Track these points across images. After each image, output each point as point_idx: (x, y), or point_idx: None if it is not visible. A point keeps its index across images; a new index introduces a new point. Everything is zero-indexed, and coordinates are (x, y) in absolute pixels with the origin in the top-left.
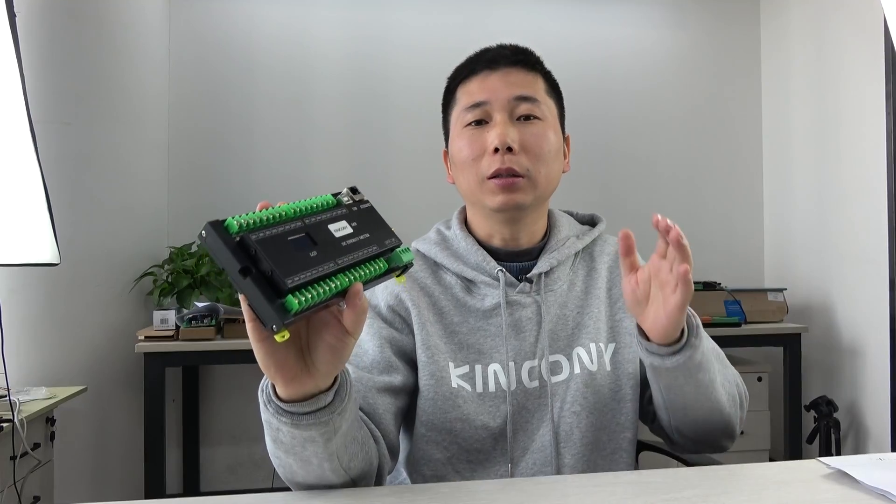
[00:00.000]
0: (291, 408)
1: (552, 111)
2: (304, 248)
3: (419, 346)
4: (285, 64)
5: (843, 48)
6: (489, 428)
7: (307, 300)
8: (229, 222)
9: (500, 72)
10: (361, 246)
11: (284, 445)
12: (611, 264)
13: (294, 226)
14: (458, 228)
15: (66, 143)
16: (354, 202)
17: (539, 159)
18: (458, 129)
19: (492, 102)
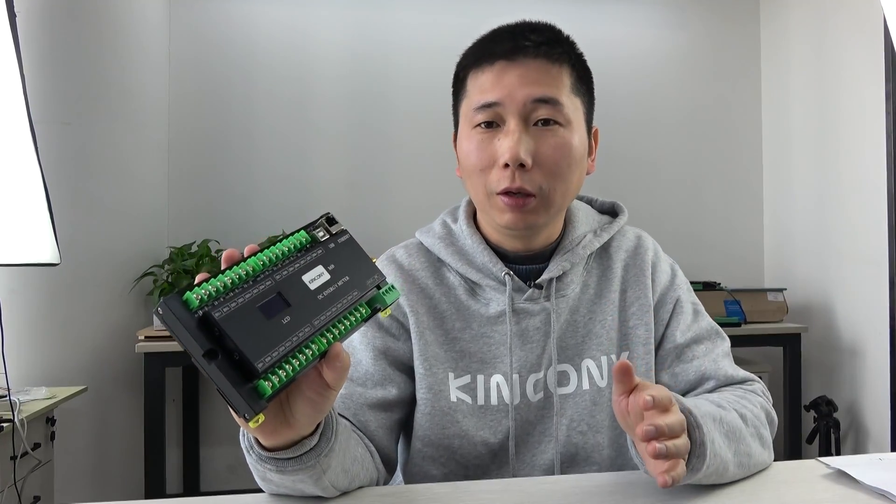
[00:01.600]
0: (275, 455)
1: (577, 112)
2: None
3: (417, 357)
4: (285, 64)
5: (843, 48)
6: (489, 444)
7: (280, 381)
8: (188, 296)
9: (518, 66)
10: (341, 294)
11: (274, 483)
12: (627, 262)
13: (264, 286)
14: (465, 223)
15: (66, 143)
16: (331, 236)
17: (555, 175)
18: (467, 128)
19: (505, 104)
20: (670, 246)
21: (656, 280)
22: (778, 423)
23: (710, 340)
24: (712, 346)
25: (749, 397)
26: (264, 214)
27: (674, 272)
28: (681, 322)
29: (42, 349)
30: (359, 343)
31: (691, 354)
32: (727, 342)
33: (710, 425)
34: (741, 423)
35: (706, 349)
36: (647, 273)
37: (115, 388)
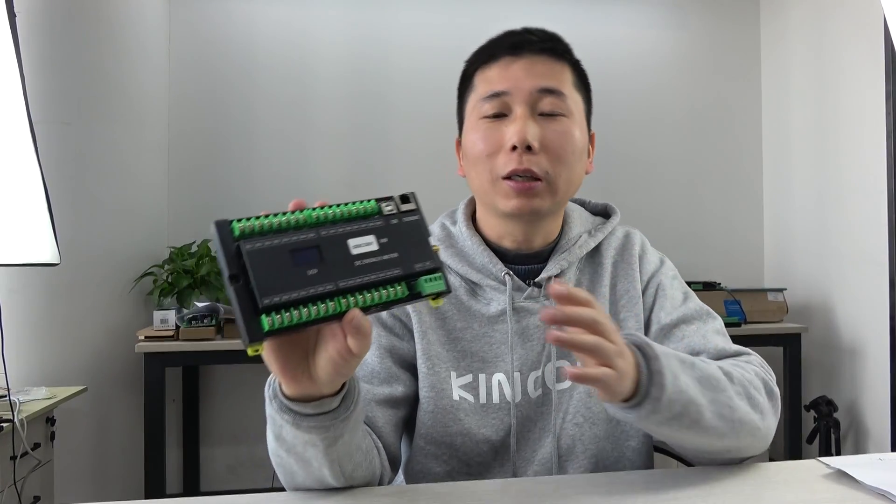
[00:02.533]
0: (295, 406)
1: (579, 106)
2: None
3: (420, 356)
4: (285, 64)
5: (843, 48)
6: (491, 441)
7: (282, 322)
8: (234, 225)
9: (524, 59)
10: (381, 267)
11: (286, 444)
12: (615, 258)
13: (306, 237)
14: (464, 225)
15: (66, 143)
16: (398, 213)
17: (561, 161)
18: (474, 120)
19: (513, 93)
20: (670, 246)
21: (643, 270)
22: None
23: (701, 320)
24: (703, 325)
25: (742, 365)
26: None
27: (661, 262)
28: (665, 304)
29: (42, 349)
30: None
31: (680, 334)
32: (719, 321)
33: (673, 363)
34: (721, 376)
35: (696, 328)
36: (634, 266)
37: (115, 388)
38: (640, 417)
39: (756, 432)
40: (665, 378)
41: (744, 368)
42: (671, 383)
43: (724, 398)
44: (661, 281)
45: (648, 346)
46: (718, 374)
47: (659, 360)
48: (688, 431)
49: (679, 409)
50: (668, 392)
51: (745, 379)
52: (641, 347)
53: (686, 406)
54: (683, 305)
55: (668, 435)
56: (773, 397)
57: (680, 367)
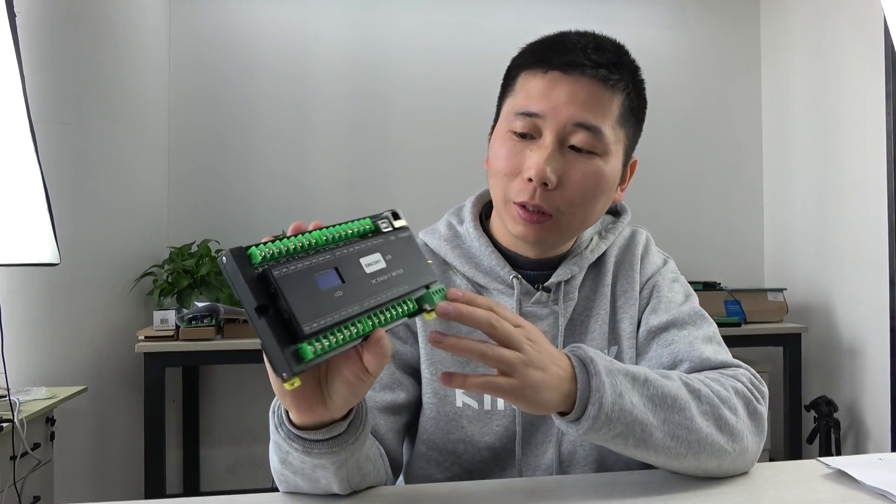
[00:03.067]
0: (304, 434)
1: (620, 142)
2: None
3: (423, 362)
4: (285, 64)
5: (843, 48)
6: (493, 448)
7: (323, 349)
8: (252, 251)
9: (571, 80)
10: (393, 284)
11: (293, 467)
12: (619, 257)
13: (323, 259)
14: (472, 225)
15: (66, 143)
16: (393, 229)
17: (577, 204)
18: (504, 129)
19: (547, 118)
20: (670, 246)
21: (644, 271)
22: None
23: (694, 325)
24: (694, 330)
25: (721, 380)
26: (264, 214)
27: (664, 263)
28: (658, 306)
29: (42, 349)
30: None
31: (669, 338)
32: (713, 327)
33: (619, 379)
34: (684, 395)
35: (686, 334)
36: (635, 266)
37: (115, 388)
38: (580, 433)
39: (722, 455)
40: (605, 396)
41: (721, 385)
42: (611, 401)
43: (681, 418)
44: (658, 282)
45: (591, 363)
46: (679, 393)
47: (600, 376)
48: (636, 450)
49: (621, 429)
50: (606, 410)
51: (718, 398)
52: (584, 362)
53: (629, 426)
54: (677, 308)
55: (621, 451)
56: (756, 417)
57: (628, 385)
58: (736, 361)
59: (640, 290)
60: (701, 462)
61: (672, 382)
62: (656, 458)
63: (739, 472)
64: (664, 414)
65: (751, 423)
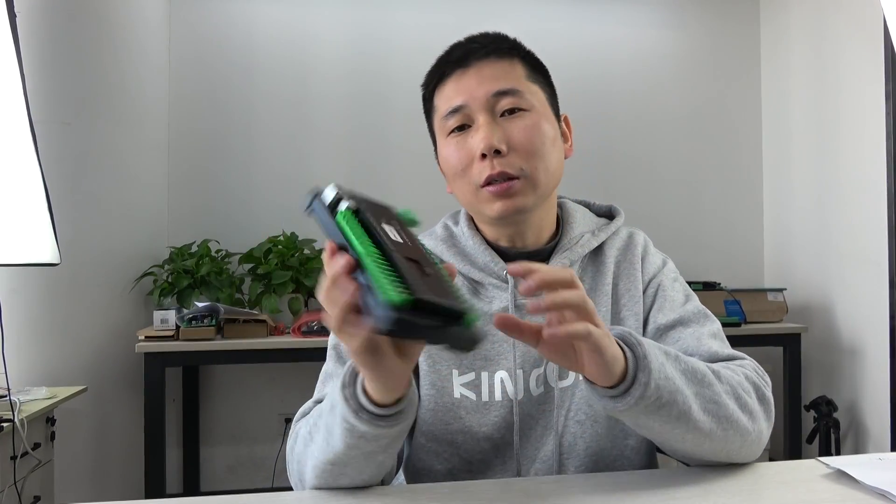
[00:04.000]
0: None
1: (539, 97)
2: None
3: (421, 354)
4: (285, 64)
5: (843, 48)
6: (492, 439)
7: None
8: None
9: (472, 69)
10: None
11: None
12: (618, 257)
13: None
14: (466, 225)
15: (66, 143)
16: None
17: (533, 155)
18: (443, 138)
19: (470, 104)
20: (670, 246)
21: (645, 270)
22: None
23: (698, 323)
24: (699, 328)
25: (732, 368)
26: (264, 215)
27: (664, 263)
28: (664, 305)
29: (42, 349)
30: None
31: (676, 336)
32: (717, 324)
33: (657, 352)
34: (708, 372)
35: (693, 331)
36: (636, 265)
37: (115, 388)
38: (627, 405)
39: (746, 435)
40: (651, 363)
41: (733, 371)
42: (658, 369)
43: (711, 393)
44: (662, 281)
45: (630, 335)
46: (705, 370)
47: (643, 346)
48: (676, 423)
49: (667, 398)
50: (654, 376)
51: (733, 380)
52: (623, 337)
53: (673, 395)
54: (682, 307)
55: (656, 430)
56: (765, 402)
57: (664, 357)
58: (741, 355)
59: (643, 288)
60: (728, 441)
61: (694, 361)
62: (691, 434)
63: (752, 457)
64: (696, 388)
65: (762, 408)
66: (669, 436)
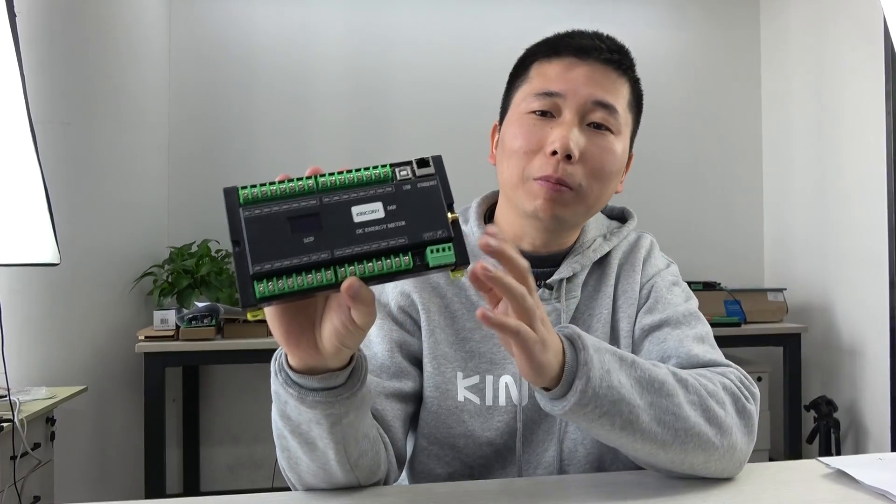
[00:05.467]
0: (300, 379)
1: (628, 126)
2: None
3: (426, 356)
4: (285, 63)
5: (843, 48)
6: (494, 444)
7: (275, 289)
8: (240, 192)
9: (587, 65)
10: (384, 236)
11: (291, 423)
12: (622, 259)
13: (307, 204)
14: (476, 225)
15: (66, 143)
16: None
17: (597, 176)
18: (520, 112)
19: (567, 97)
20: (670, 246)
21: (645, 272)
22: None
23: (687, 325)
24: (687, 329)
25: (709, 375)
26: None
27: (667, 266)
28: (654, 306)
29: (42, 349)
30: (375, 335)
31: (662, 336)
32: (706, 327)
33: (607, 357)
34: (672, 381)
35: (679, 333)
36: (637, 268)
37: (115, 388)
38: (563, 410)
39: (710, 449)
40: (592, 370)
41: (709, 379)
42: (599, 377)
43: (668, 404)
44: (657, 282)
45: (578, 338)
46: (667, 379)
47: (587, 351)
48: (622, 433)
49: (608, 407)
50: (593, 384)
51: (704, 390)
52: (571, 339)
53: (616, 404)
54: (672, 308)
55: (603, 436)
56: (745, 415)
57: (616, 364)
58: (726, 361)
59: (640, 290)
60: (688, 454)
61: (659, 370)
62: (642, 444)
63: (727, 473)
64: (651, 397)
65: (739, 421)
66: (619, 443)
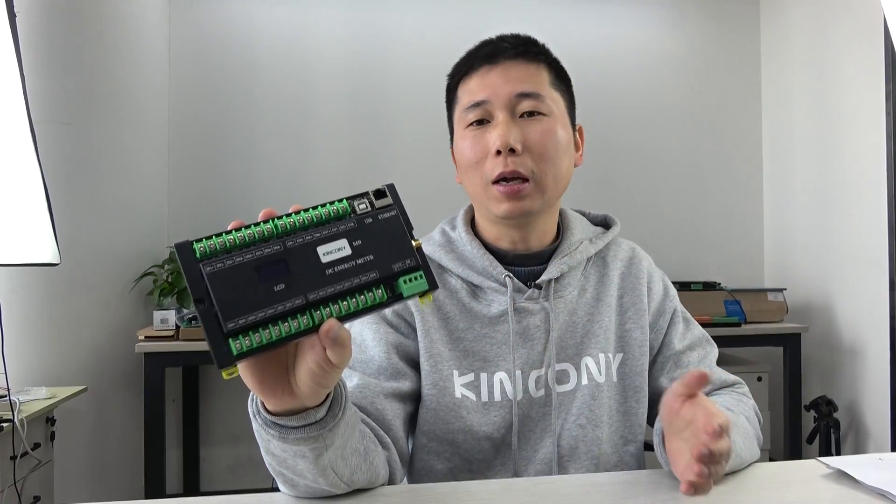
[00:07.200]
0: (279, 420)
1: (559, 104)
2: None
3: (423, 355)
4: (285, 62)
5: (843, 48)
6: (492, 438)
7: (252, 344)
8: (195, 246)
9: (499, 67)
10: (355, 272)
11: (277, 458)
12: (623, 271)
13: (271, 250)
14: (464, 230)
15: (66, 143)
16: (373, 210)
17: (545, 159)
18: (461, 129)
19: (492, 101)
20: (670, 246)
21: (652, 289)
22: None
23: (702, 347)
24: (704, 354)
25: (744, 401)
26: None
27: (665, 284)
28: (677, 331)
29: (42, 349)
30: (371, 339)
31: (686, 360)
32: (716, 349)
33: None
34: (748, 426)
35: (699, 356)
36: (642, 282)
37: (115, 388)
38: None
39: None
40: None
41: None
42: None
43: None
44: (676, 307)
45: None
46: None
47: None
48: None
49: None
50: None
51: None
52: None
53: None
54: (689, 332)
55: None
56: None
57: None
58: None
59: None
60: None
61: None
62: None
63: None
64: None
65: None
66: None
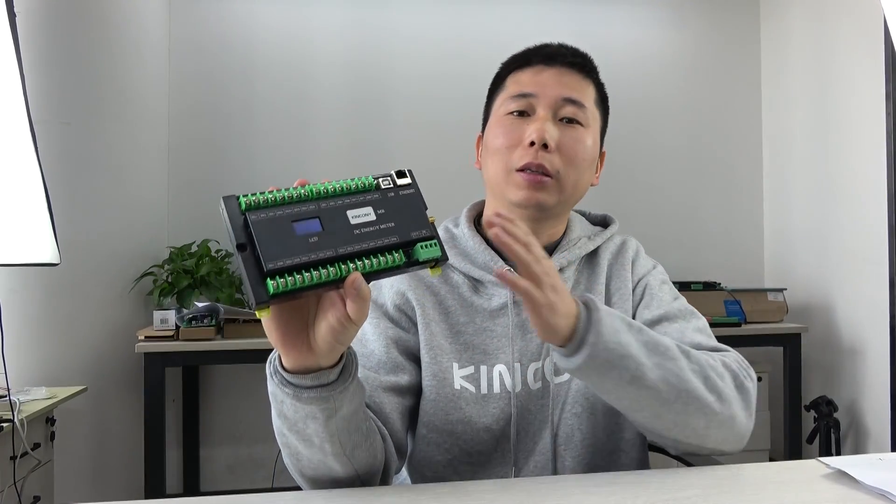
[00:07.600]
0: (294, 379)
1: (596, 121)
2: (307, 233)
3: (423, 347)
4: (285, 63)
5: (843, 48)
6: (491, 430)
7: (287, 285)
8: (240, 199)
9: (554, 69)
10: (378, 235)
11: (288, 421)
12: (611, 260)
13: (307, 208)
14: (467, 227)
15: (66, 143)
16: (395, 187)
17: (572, 163)
18: (499, 115)
19: (539, 97)
20: (670, 246)
21: (635, 272)
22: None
23: (684, 319)
24: (685, 323)
25: (711, 355)
26: None
27: (653, 266)
28: (651, 303)
29: (42, 349)
30: (371, 333)
31: (662, 330)
32: (703, 321)
33: (617, 321)
34: (674, 348)
35: (678, 326)
36: (627, 267)
37: (115, 388)
38: (578, 364)
39: (711, 415)
40: (602, 326)
41: (710, 356)
42: (609, 333)
43: (672, 366)
44: (650, 282)
45: (592, 302)
46: (670, 345)
47: (599, 312)
48: (629, 387)
49: (617, 361)
50: (604, 339)
51: (706, 362)
52: (586, 303)
53: (624, 359)
54: (668, 305)
55: (613, 393)
56: (744, 392)
57: (625, 327)
58: (725, 347)
59: (632, 287)
60: (689, 416)
61: (665, 339)
62: (647, 402)
63: (728, 445)
64: (656, 359)
65: (738, 395)
66: (627, 401)
